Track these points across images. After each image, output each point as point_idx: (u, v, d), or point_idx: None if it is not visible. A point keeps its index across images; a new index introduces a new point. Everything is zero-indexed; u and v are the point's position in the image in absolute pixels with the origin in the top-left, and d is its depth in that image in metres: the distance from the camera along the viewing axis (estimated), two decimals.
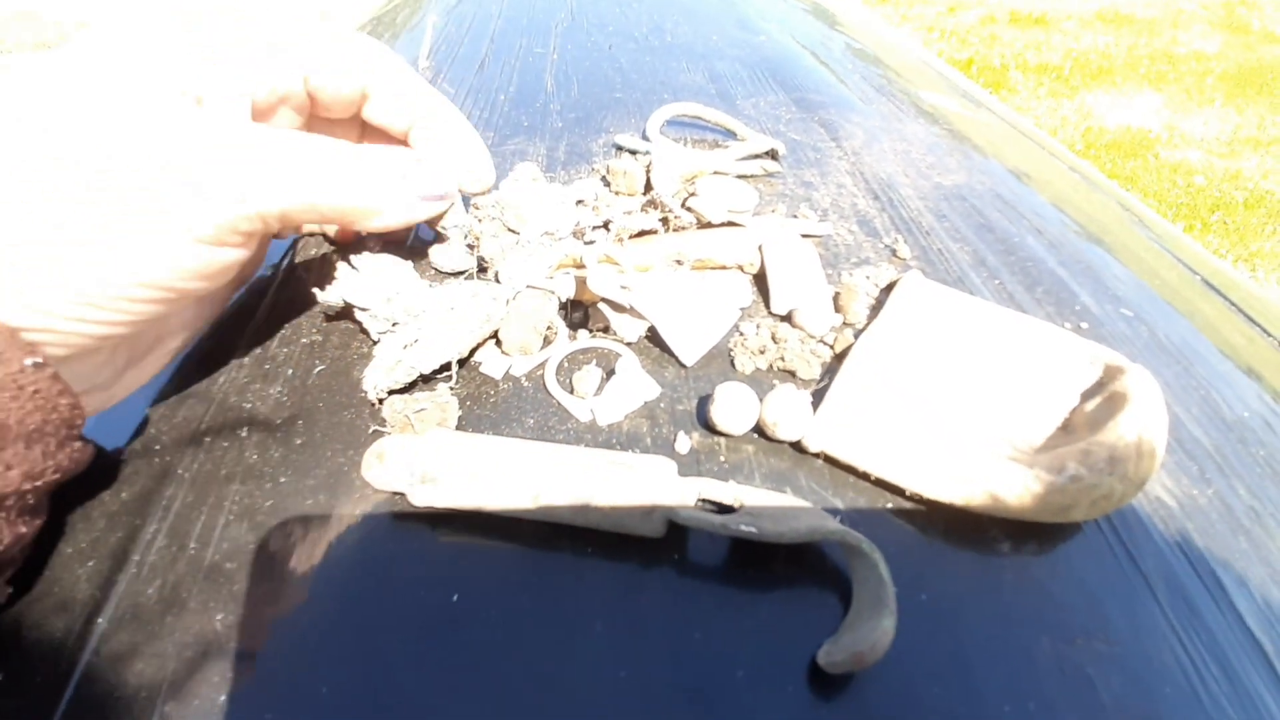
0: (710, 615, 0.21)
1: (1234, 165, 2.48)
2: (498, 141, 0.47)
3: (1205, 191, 2.34)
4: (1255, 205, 2.26)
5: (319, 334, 0.31)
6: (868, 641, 0.18)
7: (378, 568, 0.22)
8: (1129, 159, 2.52)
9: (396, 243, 0.35)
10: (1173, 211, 2.25)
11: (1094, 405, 0.25)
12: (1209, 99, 2.92)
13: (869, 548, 0.20)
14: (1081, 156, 2.56)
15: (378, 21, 0.84)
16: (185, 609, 0.22)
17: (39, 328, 0.20)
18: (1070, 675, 0.20)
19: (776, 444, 0.26)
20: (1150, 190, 2.34)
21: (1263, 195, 2.30)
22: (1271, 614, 0.23)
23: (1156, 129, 2.72)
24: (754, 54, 0.65)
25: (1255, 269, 2.00)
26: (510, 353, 0.28)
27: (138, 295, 0.21)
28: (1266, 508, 0.27)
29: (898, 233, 0.38)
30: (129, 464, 0.26)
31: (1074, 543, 0.23)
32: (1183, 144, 2.63)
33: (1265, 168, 2.47)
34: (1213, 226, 2.17)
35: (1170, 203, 2.28)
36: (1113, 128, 2.72)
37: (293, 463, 0.25)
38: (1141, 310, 0.36)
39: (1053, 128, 2.72)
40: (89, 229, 0.20)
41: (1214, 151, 2.58)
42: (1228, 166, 2.48)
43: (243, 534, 0.23)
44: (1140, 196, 2.29)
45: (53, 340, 0.21)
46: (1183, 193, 2.34)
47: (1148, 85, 3.04)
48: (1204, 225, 2.17)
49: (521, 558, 0.22)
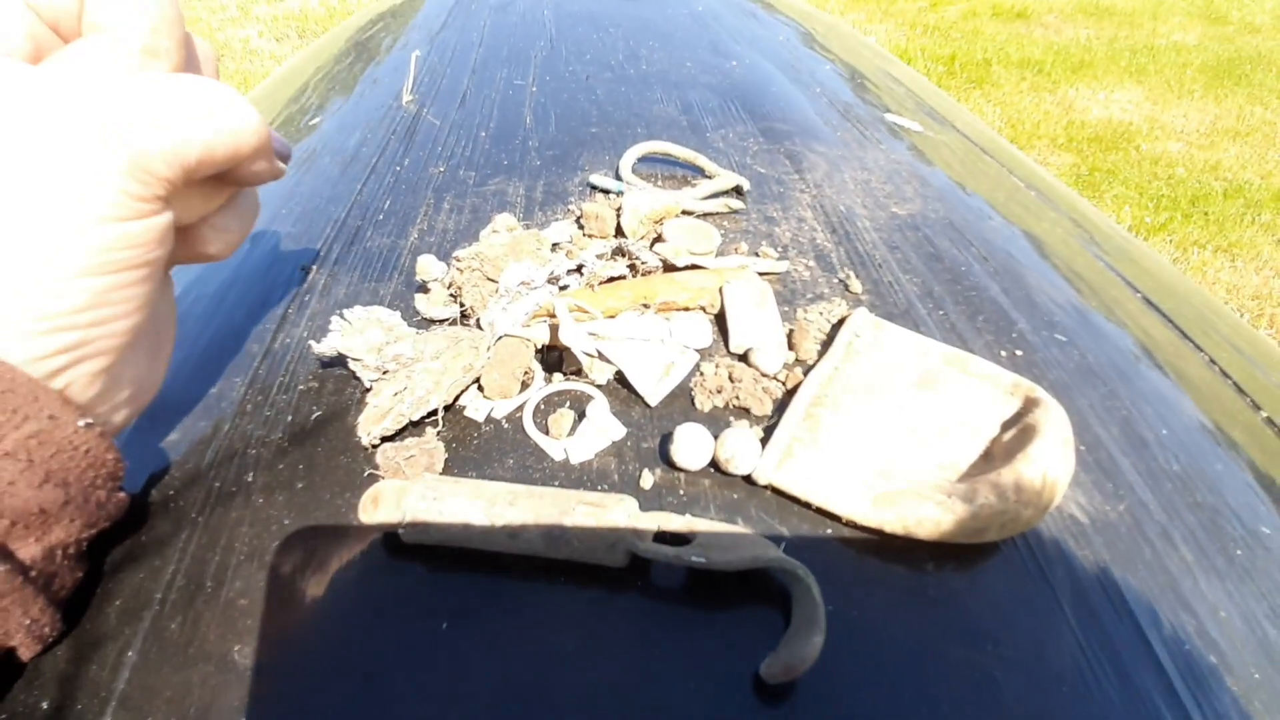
0: (668, 635, 0.24)
1: (1213, 156, 2.52)
2: (479, 181, 0.49)
3: (1185, 183, 2.38)
4: (1234, 195, 2.30)
5: (315, 381, 0.33)
6: (798, 656, 0.21)
7: (375, 601, 0.25)
8: (1110, 152, 2.55)
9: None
10: (1154, 203, 2.28)
11: (1010, 436, 0.28)
12: (1189, 90, 2.95)
13: (804, 573, 0.23)
14: (1064, 151, 2.59)
15: (361, 46, 0.87)
16: (206, 641, 0.24)
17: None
18: (979, 678, 0.23)
19: (730, 478, 0.29)
20: (1132, 183, 2.37)
21: (1241, 185, 2.34)
22: (1163, 619, 0.26)
23: (1137, 121, 2.75)
24: (725, 81, 0.67)
25: (1234, 259, 2.04)
26: (491, 397, 0.31)
27: (82, 287, 0.21)
28: (1173, 521, 0.30)
29: (851, 267, 0.41)
30: (145, 510, 0.29)
31: (991, 561, 0.27)
32: (1163, 136, 2.66)
33: (1244, 158, 2.51)
34: (1193, 217, 2.20)
35: (1151, 195, 2.31)
36: (1094, 121, 2.75)
37: (295, 505, 0.28)
38: (1076, 335, 0.39)
39: (1035, 122, 2.75)
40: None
41: (1194, 143, 2.62)
42: (1207, 158, 2.52)
43: (253, 573, 0.26)
44: (1123, 189, 2.32)
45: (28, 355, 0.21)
46: (1164, 184, 2.37)
47: (1128, 78, 3.07)
48: (1184, 216, 2.20)
49: (502, 587, 0.25)
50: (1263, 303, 1.83)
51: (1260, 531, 0.31)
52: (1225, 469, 0.33)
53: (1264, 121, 2.74)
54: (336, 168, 0.53)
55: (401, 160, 0.53)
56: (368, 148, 0.55)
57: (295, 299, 0.39)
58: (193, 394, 0.34)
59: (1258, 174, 2.42)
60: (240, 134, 0.23)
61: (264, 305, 0.39)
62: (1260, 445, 0.36)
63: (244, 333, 0.37)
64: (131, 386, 0.25)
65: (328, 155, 0.56)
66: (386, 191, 0.49)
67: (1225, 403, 0.39)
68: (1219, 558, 0.29)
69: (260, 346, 0.36)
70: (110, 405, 0.25)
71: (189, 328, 0.38)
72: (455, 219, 0.45)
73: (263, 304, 0.39)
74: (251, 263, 0.43)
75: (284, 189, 0.51)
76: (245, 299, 0.40)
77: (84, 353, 0.22)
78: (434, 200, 0.47)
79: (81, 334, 0.22)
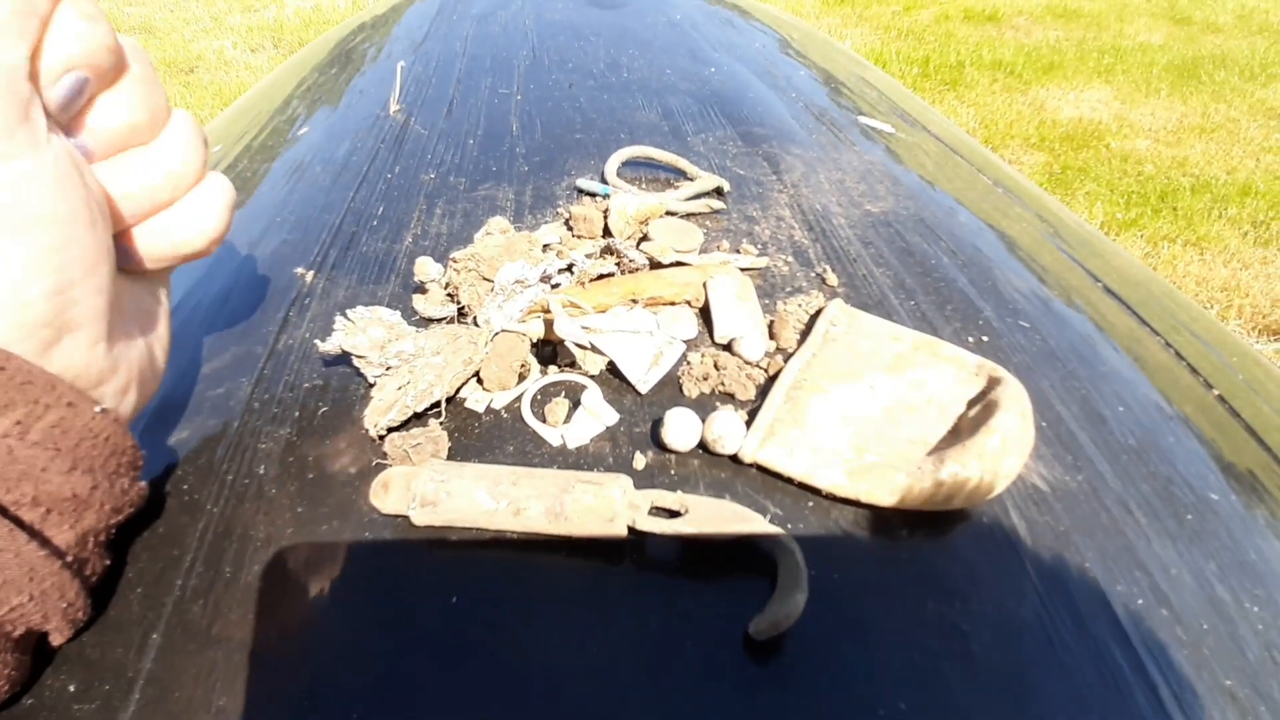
0: (664, 601, 0.26)
1: (1180, 153, 2.59)
2: (469, 187, 0.51)
3: (1154, 179, 2.44)
4: (1201, 191, 2.36)
5: (320, 379, 0.35)
6: (783, 613, 0.23)
7: (387, 579, 0.27)
8: (1081, 150, 2.62)
9: None
10: (1124, 200, 2.34)
11: (975, 412, 0.30)
12: (1155, 89, 3.04)
13: (788, 540, 0.25)
14: (1037, 150, 2.66)
15: (344, 56, 0.88)
16: (227, 622, 0.26)
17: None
18: (948, 631, 0.25)
19: (718, 458, 0.30)
20: (1103, 180, 2.44)
21: (1208, 181, 2.41)
22: (1118, 576, 0.28)
23: (1107, 120, 2.83)
24: (704, 87, 0.70)
25: (1203, 253, 2.10)
26: (491, 389, 0.33)
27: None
28: (1128, 489, 0.32)
29: (828, 262, 0.43)
30: (162, 503, 0.30)
31: (960, 526, 0.29)
32: (1132, 134, 2.74)
33: (1209, 154, 2.58)
34: (1162, 213, 2.26)
35: (1122, 191, 2.37)
36: (1065, 120, 2.82)
37: (307, 494, 0.29)
38: (1038, 321, 0.41)
39: (1009, 122, 2.81)
40: None
41: (1161, 140, 2.69)
42: (1174, 154, 2.59)
43: (269, 558, 0.28)
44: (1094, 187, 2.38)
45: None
46: (1133, 181, 2.44)
47: (1097, 78, 3.15)
48: (1154, 212, 2.26)
49: (508, 562, 0.27)
50: (1231, 294, 1.89)
51: (1209, 498, 0.33)
52: (1178, 442, 0.36)
53: (1228, 119, 2.82)
54: (328, 176, 0.54)
55: (392, 168, 0.55)
56: (358, 156, 0.57)
57: (295, 303, 0.40)
58: (201, 394, 0.35)
59: (1223, 169, 2.50)
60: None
61: (265, 309, 0.40)
62: (1211, 420, 0.39)
63: (247, 335, 0.39)
64: (130, 370, 0.26)
65: (319, 164, 0.57)
66: (379, 198, 0.50)
67: (1180, 382, 0.41)
68: (1171, 521, 0.31)
69: (264, 348, 0.37)
70: (114, 389, 0.25)
71: (194, 331, 0.39)
72: (448, 223, 0.47)
73: (263, 308, 0.40)
74: (250, 269, 0.44)
75: (278, 198, 0.53)
76: (246, 304, 0.41)
77: (62, 322, 0.22)
78: (426, 206, 0.49)
79: (45, 306, 0.21)
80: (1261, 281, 1.93)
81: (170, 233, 0.28)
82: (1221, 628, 0.28)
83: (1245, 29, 3.70)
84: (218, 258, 0.46)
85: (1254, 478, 0.35)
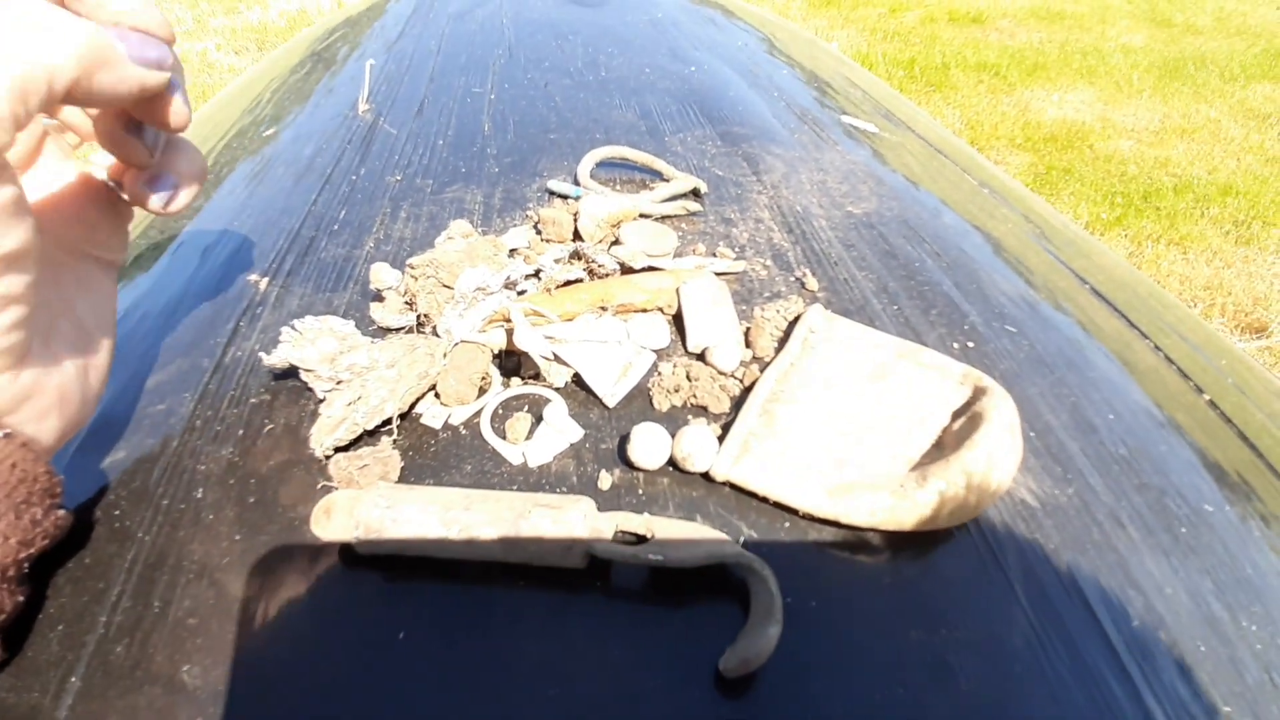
0: (629, 633, 0.24)
1: (1163, 153, 2.61)
2: (436, 189, 0.49)
3: (1137, 180, 2.46)
4: (1184, 191, 2.38)
5: (267, 394, 0.33)
6: (754, 649, 0.21)
7: (331, 614, 0.25)
8: (1066, 151, 2.63)
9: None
10: (1108, 200, 2.35)
11: (960, 424, 0.28)
12: (1138, 91, 3.06)
13: (760, 566, 0.24)
14: (1021, 151, 2.67)
15: (318, 56, 0.86)
16: (153, 664, 0.24)
17: None
18: (933, 661, 0.23)
19: (688, 475, 0.29)
20: (1087, 181, 2.45)
21: (1190, 181, 2.43)
22: (1112, 598, 0.27)
23: (1090, 121, 2.85)
24: (684, 86, 0.68)
25: (1186, 252, 2.11)
26: (448, 404, 0.31)
27: None
28: (1120, 502, 0.31)
29: (808, 265, 0.42)
30: (89, 529, 0.28)
31: (945, 546, 0.27)
32: (1115, 135, 2.76)
33: (1191, 154, 2.60)
34: (1146, 213, 2.28)
35: (1105, 192, 2.38)
36: (1049, 121, 2.84)
37: (246, 520, 0.27)
38: (1025, 326, 0.40)
39: (994, 123, 2.82)
40: None
41: (1144, 141, 2.71)
42: (1157, 155, 2.61)
43: (203, 591, 0.25)
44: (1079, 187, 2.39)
45: None
46: (1117, 182, 2.45)
47: (1080, 79, 3.17)
48: (1137, 212, 2.28)
49: (460, 594, 0.25)
50: (1214, 293, 1.90)
51: (1203, 509, 0.32)
52: (1170, 450, 0.35)
53: (1208, 119, 2.85)
54: (290, 178, 0.52)
55: (357, 169, 0.52)
56: (323, 157, 0.55)
57: (247, 312, 0.38)
58: (140, 411, 0.33)
59: (1205, 169, 2.52)
60: (58, 58, 0.19)
61: (214, 320, 0.38)
62: (1202, 427, 0.38)
63: (194, 347, 0.36)
64: (52, 394, 0.24)
65: (281, 166, 0.55)
66: (342, 201, 0.48)
67: (1170, 387, 0.40)
68: (1165, 536, 0.30)
69: (211, 361, 0.35)
70: (30, 414, 0.23)
71: (137, 344, 0.37)
72: (412, 227, 0.45)
73: (213, 318, 0.38)
74: (201, 277, 0.42)
75: (236, 202, 0.50)
76: (195, 314, 0.39)
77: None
78: (390, 209, 0.47)
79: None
80: (1243, 280, 1.94)
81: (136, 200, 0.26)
82: (1220, 650, 0.26)
83: (1224, 30, 3.74)
84: (167, 265, 0.44)
85: (1248, 486, 0.33)
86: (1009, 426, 0.27)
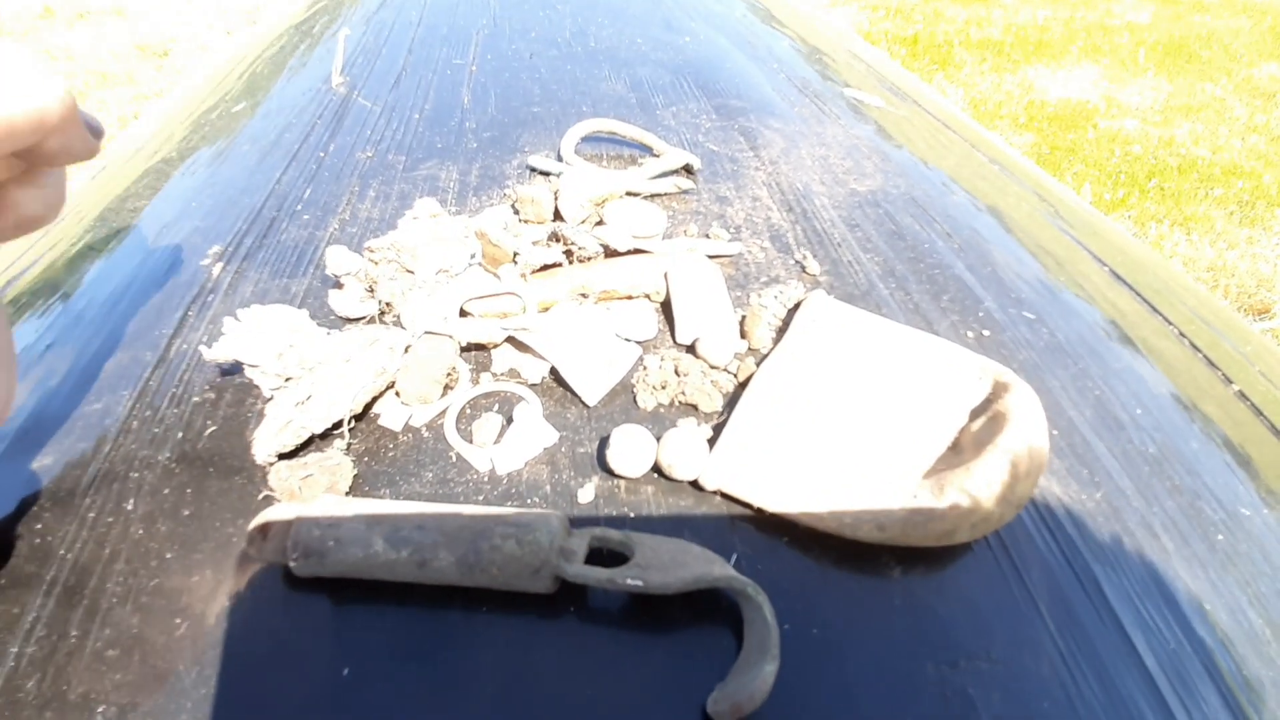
0: (604, 667, 0.21)
1: (1167, 133, 2.57)
2: (410, 166, 0.46)
3: (1142, 159, 2.42)
4: (1188, 171, 2.34)
5: (211, 391, 0.30)
6: (746, 691, 0.19)
7: (268, 645, 0.22)
8: (1070, 130, 2.58)
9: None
10: (1112, 180, 2.31)
11: (979, 425, 0.25)
12: (1143, 69, 3.00)
13: (754, 591, 0.21)
14: (1025, 130, 2.62)
15: (296, 29, 0.81)
16: (65, 703, 0.21)
17: None
18: (952, 697, 0.21)
19: (675, 484, 0.26)
20: (1091, 160, 2.40)
21: (1194, 161, 2.39)
22: (1146, 619, 0.24)
23: (1095, 100, 2.79)
24: (678, 57, 0.64)
25: (1190, 232, 2.07)
26: (409, 403, 0.28)
27: None
28: (1152, 507, 0.28)
29: (809, 247, 0.38)
30: (8, 545, 0.25)
31: (962, 563, 0.24)
32: (1120, 114, 2.71)
33: (1196, 134, 2.56)
34: (1150, 193, 2.24)
35: (1110, 172, 2.34)
36: (1054, 100, 2.78)
37: (180, 536, 0.24)
38: (1044, 312, 0.37)
39: (998, 102, 2.77)
40: None
41: (1149, 120, 2.66)
42: (1162, 134, 2.56)
43: (126, 617, 0.22)
44: (1082, 167, 2.35)
45: None
46: (1121, 162, 2.41)
47: (1085, 57, 3.11)
48: (1142, 192, 2.24)
49: (412, 622, 0.22)
50: (1217, 274, 1.86)
51: (1240, 513, 0.29)
52: (1201, 447, 0.32)
53: (1213, 98, 2.80)
54: (255, 155, 0.49)
55: (326, 146, 0.49)
56: (291, 134, 0.51)
57: (197, 300, 0.35)
58: (72, 410, 0.30)
59: (1209, 148, 2.48)
60: (45, 110, 0.19)
61: (161, 309, 0.35)
62: (1233, 420, 0.35)
63: (137, 339, 0.33)
64: None
65: (248, 143, 0.51)
66: (307, 179, 0.45)
67: (1196, 377, 0.37)
68: (1200, 544, 0.27)
69: (154, 354, 0.32)
70: None
71: (78, 337, 0.34)
72: (380, 207, 0.41)
73: (160, 307, 0.35)
74: (151, 263, 0.38)
75: (196, 182, 0.47)
76: (141, 303, 0.36)
77: None
78: (359, 187, 0.43)
79: None
80: (1248, 261, 1.90)
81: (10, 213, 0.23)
82: (1264, 673, 0.24)
83: (1231, 8, 3.67)
84: (117, 250, 0.40)
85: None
86: (1036, 428, 0.24)
